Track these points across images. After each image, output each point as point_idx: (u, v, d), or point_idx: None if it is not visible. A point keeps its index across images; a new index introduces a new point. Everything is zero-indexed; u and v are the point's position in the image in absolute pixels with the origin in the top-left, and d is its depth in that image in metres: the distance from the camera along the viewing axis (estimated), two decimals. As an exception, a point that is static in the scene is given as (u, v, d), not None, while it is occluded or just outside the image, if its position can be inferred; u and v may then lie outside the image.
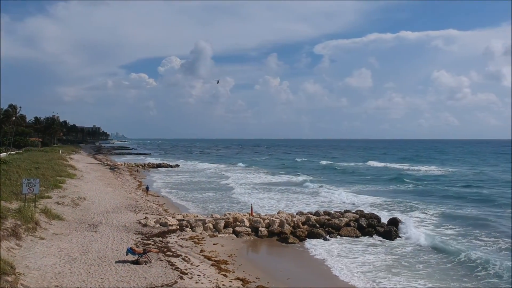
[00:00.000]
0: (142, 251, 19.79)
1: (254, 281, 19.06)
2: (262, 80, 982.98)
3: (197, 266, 20.05)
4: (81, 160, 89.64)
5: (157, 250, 21.54)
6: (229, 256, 23.12)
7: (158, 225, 28.32)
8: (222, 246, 25.30)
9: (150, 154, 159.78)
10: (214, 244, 25.57)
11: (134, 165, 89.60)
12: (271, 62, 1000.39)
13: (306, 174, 76.06)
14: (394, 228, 29.88)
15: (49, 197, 33.34)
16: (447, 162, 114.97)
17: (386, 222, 31.52)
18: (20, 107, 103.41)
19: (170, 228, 27.81)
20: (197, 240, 25.84)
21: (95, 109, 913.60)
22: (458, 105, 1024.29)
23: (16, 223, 21.22)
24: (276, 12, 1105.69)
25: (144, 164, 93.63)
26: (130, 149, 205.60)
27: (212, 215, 32.51)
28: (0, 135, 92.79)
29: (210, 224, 29.16)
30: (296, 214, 33.19)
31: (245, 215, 31.01)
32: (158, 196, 46.69)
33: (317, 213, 33.47)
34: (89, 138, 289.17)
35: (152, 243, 23.50)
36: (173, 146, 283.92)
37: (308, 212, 34.05)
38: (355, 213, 33.34)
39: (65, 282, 16.04)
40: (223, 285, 17.82)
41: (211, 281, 18.01)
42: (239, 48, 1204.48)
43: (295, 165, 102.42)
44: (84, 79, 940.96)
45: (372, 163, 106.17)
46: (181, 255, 21.54)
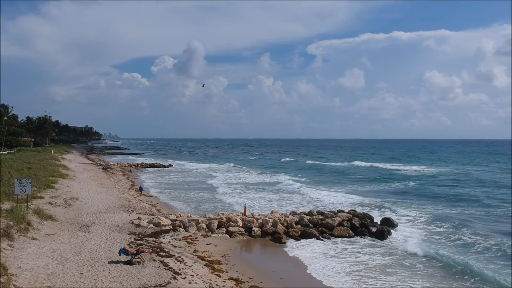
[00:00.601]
0: (135, 252, 19.76)
1: (247, 281, 19.09)
2: (255, 80, 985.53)
3: (190, 266, 20.05)
4: (73, 160, 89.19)
5: (150, 250, 21.51)
6: (223, 256, 23.13)
7: (151, 225, 28.27)
8: (215, 246, 25.30)
9: (142, 154, 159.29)
10: (207, 244, 25.57)
11: (127, 165, 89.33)
12: (264, 62, 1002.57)
13: (287, 173, 76.57)
14: (387, 227, 30.04)
15: (42, 198, 33.15)
16: (433, 162, 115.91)
17: (378, 222, 31.73)
18: (12, 107, 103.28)
19: (163, 228, 27.76)
20: (190, 240, 25.82)
21: (88, 109, 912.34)
22: (450, 105, 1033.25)
23: (8, 224, 21.11)
24: (269, 12, 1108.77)
25: (137, 164, 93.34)
26: (122, 149, 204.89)
27: (205, 215, 32.50)
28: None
29: (203, 224, 29.15)
30: (290, 214, 33.27)
31: (238, 215, 31.03)
32: (151, 196, 46.57)
33: (310, 213, 33.57)
34: (82, 138, 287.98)
35: (145, 243, 23.46)
36: (163, 146, 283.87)
37: (301, 212, 34.16)
38: (348, 212, 33.46)
39: (58, 283, 15.98)
40: (217, 285, 17.83)
41: (205, 281, 18.02)
42: (232, 48, 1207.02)
43: (280, 165, 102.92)
44: (76, 79, 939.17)
45: (357, 163, 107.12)
46: (174, 255, 21.53)
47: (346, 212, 33.53)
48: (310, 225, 30.41)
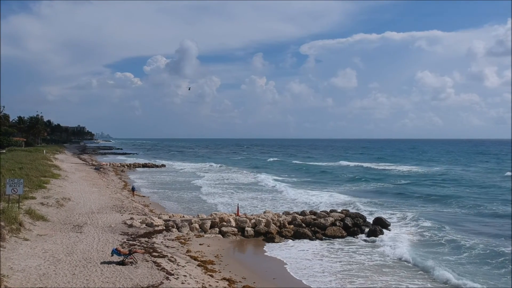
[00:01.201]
0: (127, 252, 19.71)
1: (240, 281, 19.12)
2: (249, 80, 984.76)
3: (183, 266, 20.03)
4: (65, 160, 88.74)
5: (143, 250, 21.47)
6: (216, 256, 23.15)
7: (144, 225, 28.21)
8: (208, 246, 25.31)
9: (135, 154, 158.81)
10: (200, 244, 25.56)
11: (119, 165, 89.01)
12: (257, 62, 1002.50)
13: (269, 173, 77.21)
14: (379, 227, 30.19)
15: (33, 198, 32.98)
16: (420, 161, 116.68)
17: (371, 222, 31.89)
18: (4, 107, 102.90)
19: (156, 228, 27.71)
20: (183, 241, 25.80)
21: (80, 109, 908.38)
22: (442, 105, 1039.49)
23: (0, 224, 20.98)
24: (262, 12, 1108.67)
25: (130, 164, 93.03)
26: (115, 149, 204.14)
27: (198, 215, 32.50)
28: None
29: (196, 224, 29.14)
30: (282, 214, 33.33)
31: (231, 215, 31.06)
32: (144, 196, 46.46)
33: (303, 213, 33.65)
34: (74, 138, 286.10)
35: (138, 243, 23.40)
36: (153, 145, 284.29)
37: (294, 212, 34.23)
38: (341, 212, 33.57)
39: (50, 284, 15.91)
40: (209, 285, 17.83)
41: (197, 281, 18.01)
42: (225, 47, 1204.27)
43: (265, 165, 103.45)
44: (68, 78, 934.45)
45: (343, 163, 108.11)
46: (167, 255, 21.50)
47: (339, 212, 33.63)
48: (303, 225, 30.49)
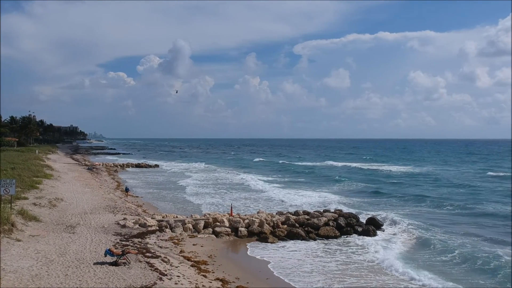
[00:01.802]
0: (120, 252, 19.65)
1: (233, 281, 19.13)
2: (242, 80, 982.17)
3: (176, 267, 20.02)
4: (58, 160, 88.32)
5: (136, 251, 21.43)
6: (209, 257, 23.15)
7: (137, 226, 28.15)
8: (201, 246, 25.30)
9: (129, 154, 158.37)
10: (193, 244, 25.55)
11: (112, 165, 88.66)
12: (250, 62, 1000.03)
13: (252, 173, 77.84)
14: (372, 227, 30.33)
15: (26, 198, 32.81)
16: (406, 161, 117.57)
17: (364, 221, 32.01)
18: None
19: (149, 229, 27.67)
20: (176, 241, 25.77)
21: (72, 109, 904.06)
22: (434, 105, 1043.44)
23: (-8, 225, 20.87)
24: (256, 12, 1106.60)
25: (123, 164, 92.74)
26: (108, 149, 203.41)
27: (191, 215, 32.47)
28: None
29: (189, 224, 29.11)
30: (276, 214, 33.38)
31: (224, 215, 31.06)
32: (137, 197, 46.34)
33: (296, 213, 33.72)
34: (66, 138, 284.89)
35: (131, 244, 23.36)
36: (144, 145, 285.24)
37: (288, 212, 34.28)
38: (334, 212, 33.67)
39: (43, 285, 15.85)
40: (203, 285, 17.83)
41: (191, 281, 18.01)
42: (218, 47, 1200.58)
43: (249, 165, 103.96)
44: (61, 78, 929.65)
45: (330, 163, 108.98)
46: (160, 256, 21.48)
47: (332, 212, 33.73)
48: (296, 225, 30.54)
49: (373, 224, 31.23)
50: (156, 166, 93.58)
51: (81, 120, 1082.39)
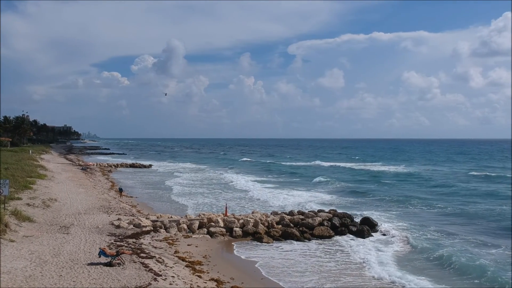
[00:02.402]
0: (115, 253, 19.60)
1: (228, 282, 19.13)
2: (237, 80, 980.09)
3: (171, 267, 19.99)
4: (51, 160, 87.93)
5: (131, 251, 21.39)
6: (204, 257, 23.13)
7: (132, 226, 28.09)
8: (196, 246, 25.28)
9: (123, 154, 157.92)
10: (188, 245, 25.52)
11: (106, 165, 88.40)
12: (244, 61, 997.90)
13: (234, 173, 78.74)
14: (367, 227, 30.41)
15: (19, 199, 32.65)
16: (393, 161, 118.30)
17: (358, 221, 32.09)
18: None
19: (144, 229, 27.61)
20: (171, 241, 25.73)
21: (66, 108, 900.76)
22: (428, 105, 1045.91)
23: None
24: (250, 11, 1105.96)
25: (117, 164, 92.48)
26: (102, 149, 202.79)
27: (186, 215, 32.45)
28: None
29: (184, 224, 29.08)
30: (271, 214, 33.40)
31: (219, 215, 31.03)
32: (131, 197, 46.21)
33: (291, 213, 33.76)
34: (60, 138, 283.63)
35: (126, 244, 23.30)
36: (135, 145, 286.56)
37: (282, 212, 34.31)
38: (328, 212, 33.75)
39: (36, 285, 15.79)
40: (198, 286, 17.82)
41: (185, 282, 17.99)
42: (212, 47, 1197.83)
43: (233, 165, 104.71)
44: (54, 78, 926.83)
45: (318, 163, 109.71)
46: (155, 256, 21.45)
47: (326, 212, 33.80)
48: (291, 225, 30.57)
49: (368, 224, 31.30)
50: (150, 166, 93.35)
51: (75, 120, 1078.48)
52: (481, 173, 76.71)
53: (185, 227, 28.91)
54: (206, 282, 18.58)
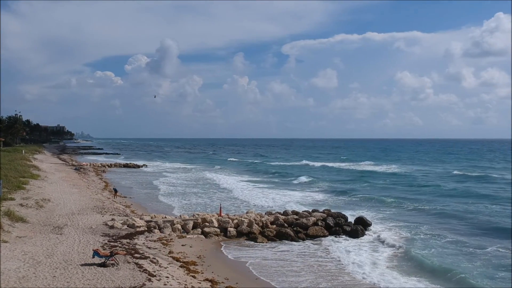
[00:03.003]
0: (109, 254, 19.54)
1: (223, 282, 19.13)
2: (231, 80, 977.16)
3: (165, 267, 19.95)
4: (45, 160, 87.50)
5: (125, 252, 21.32)
6: (198, 257, 23.11)
7: (126, 226, 28.00)
8: (190, 247, 25.24)
9: (117, 154, 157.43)
10: (182, 245, 25.48)
11: (100, 165, 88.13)
12: (237, 61, 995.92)
13: (218, 173, 79.19)
14: (361, 227, 30.51)
15: (12, 199, 32.44)
16: (380, 161, 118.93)
17: (352, 221, 32.17)
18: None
19: (138, 229, 27.54)
20: (165, 242, 25.69)
21: (59, 108, 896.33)
22: (421, 105, 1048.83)
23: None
24: (244, 11, 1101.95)
25: (110, 164, 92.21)
26: (95, 149, 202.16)
27: (180, 215, 32.41)
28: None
29: (178, 225, 29.04)
30: (265, 214, 33.43)
31: (213, 216, 31.02)
32: (125, 197, 46.07)
33: (285, 213, 33.79)
34: (53, 138, 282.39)
35: (119, 245, 23.23)
36: (127, 145, 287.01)
37: (277, 212, 34.35)
38: (323, 212, 33.82)
39: (30, 286, 15.71)
40: (192, 286, 17.79)
41: (180, 282, 17.97)
42: (206, 47, 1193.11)
43: (220, 164, 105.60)
44: (47, 77, 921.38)
45: (305, 162, 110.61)
46: (149, 257, 21.40)
47: (321, 212, 33.87)
48: (285, 224, 30.60)
49: (362, 224, 31.39)
50: (143, 166, 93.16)
51: (68, 119, 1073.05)
52: (464, 173, 77.17)
53: (179, 227, 28.87)
54: (200, 283, 18.56)
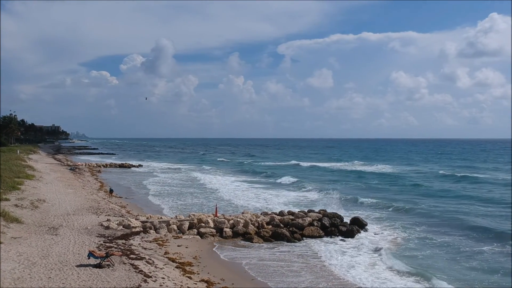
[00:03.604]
0: (104, 254, 19.50)
1: (219, 283, 19.13)
2: (226, 79, 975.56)
3: (161, 268, 19.93)
4: (40, 161, 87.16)
5: (120, 253, 21.27)
6: (194, 258, 23.09)
7: (121, 227, 27.94)
8: (186, 247, 25.21)
9: (113, 154, 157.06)
10: (178, 245, 25.45)
11: (95, 165, 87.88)
12: (233, 61, 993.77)
13: (204, 173, 79.40)
14: (356, 227, 30.58)
15: (7, 200, 32.31)
16: (371, 161, 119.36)
17: (348, 222, 32.22)
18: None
19: (133, 230, 27.49)
20: (161, 242, 25.65)
21: (54, 108, 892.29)
22: (416, 105, 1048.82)
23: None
24: (239, 11, 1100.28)
25: (106, 164, 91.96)
26: (91, 149, 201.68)
27: (176, 216, 32.34)
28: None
29: (174, 225, 28.98)
30: (261, 214, 33.42)
31: (209, 216, 31.00)
32: (120, 197, 45.95)
33: (281, 213, 33.80)
34: (48, 138, 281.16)
35: (115, 245, 23.20)
36: (120, 145, 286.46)
37: (272, 212, 34.34)
38: (318, 212, 33.85)
39: (25, 287, 15.67)
40: (188, 287, 17.79)
41: (176, 283, 17.95)
42: (201, 47, 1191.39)
43: (209, 164, 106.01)
44: (42, 77, 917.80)
45: (293, 162, 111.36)
46: (144, 257, 21.37)
47: (316, 212, 33.90)
48: (281, 225, 30.60)
49: (357, 224, 31.46)
50: (140, 166, 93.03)
51: (63, 119, 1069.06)
52: (450, 173, 77.50)
53: (175, 228, 28.82)
54: (196, 283, 18.55)
